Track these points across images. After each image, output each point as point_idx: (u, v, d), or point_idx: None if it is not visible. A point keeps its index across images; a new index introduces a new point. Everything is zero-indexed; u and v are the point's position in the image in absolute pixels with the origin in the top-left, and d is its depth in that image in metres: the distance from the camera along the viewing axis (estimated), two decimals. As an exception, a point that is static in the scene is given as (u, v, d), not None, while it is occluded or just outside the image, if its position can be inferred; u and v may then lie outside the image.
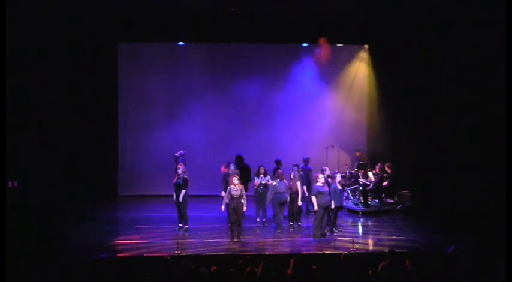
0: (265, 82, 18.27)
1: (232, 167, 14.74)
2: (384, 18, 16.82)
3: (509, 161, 11.03)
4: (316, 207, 13.33)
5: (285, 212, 14.63)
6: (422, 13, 15.91)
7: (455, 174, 15.42)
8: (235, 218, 13.04)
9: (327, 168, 14.73)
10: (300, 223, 14.43)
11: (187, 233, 13.50)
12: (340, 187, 13.98)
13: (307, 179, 15.05)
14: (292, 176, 14.24)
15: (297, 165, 15.00)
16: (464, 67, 15.35)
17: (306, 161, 15.79)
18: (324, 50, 18.20)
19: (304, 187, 14.55)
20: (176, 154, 16.18)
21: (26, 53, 14.26)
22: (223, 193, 13.86)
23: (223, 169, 14.82)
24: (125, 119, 18.25)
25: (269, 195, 14.14)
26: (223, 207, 13.44)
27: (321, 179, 13.51)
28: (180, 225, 13.75)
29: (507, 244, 9.70)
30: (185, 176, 13.60)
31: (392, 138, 17.75)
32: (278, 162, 15.60)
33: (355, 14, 16.71)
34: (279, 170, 14.36)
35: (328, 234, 13.56)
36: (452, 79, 15.85)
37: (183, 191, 13.52)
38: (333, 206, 13.64)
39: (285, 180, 14.02)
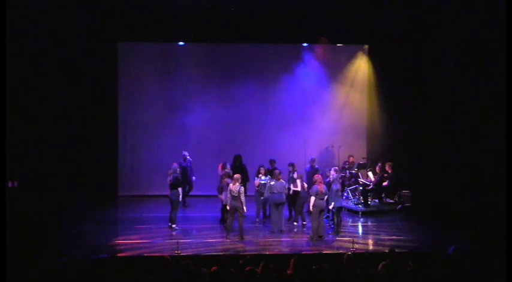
0: (265, 82, 18.28)
1: (228, 166, 14.75)
2: (384, 18, 16.83)
3: (509, 161, 11.03)
4: (311, 208, 13.33)
5: (286, 213, 14.67)
6: (422, 13, 15.92)
7: (455, 174, 15.40)
8: (233, 217, 13.13)
9: (332, 170, 14.41)
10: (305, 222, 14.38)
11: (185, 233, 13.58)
12: (339, 186, 13.93)
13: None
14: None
15: (293, 165, 15.01)
16: (464, 67, 15.34)
17: (312, 161, 15.83)
18: (324, 50, 18.21)
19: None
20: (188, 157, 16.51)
21: (26, 53, 14.24)
22: (221, 196, 13.90)
23: (220, 170, 14.80)
24: (125, 118, 18.23)
25: (265, 194, 14.15)
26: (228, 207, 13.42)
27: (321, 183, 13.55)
28: (173, 225, 13.99)
29: (507, 244, 9.71)
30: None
31: (392, 138, 17.75)
32: (272, 162, 15.59)
33: (355, 14, 16.72)
34: (276, 170, 14.34)
35: (331, 236, 13.55)
36: (452, 79, 15.84)
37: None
38: (331, 207, 13.64)
39: (281, 180, 14.01)
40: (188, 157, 16.55)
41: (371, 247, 12.92)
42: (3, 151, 10.90)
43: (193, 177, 16.65)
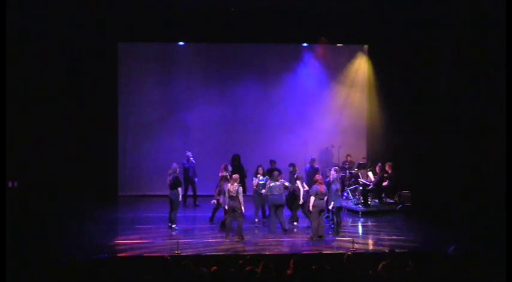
0: (265, 82, 18.32)
1: (229, 168, 14.74)
2: (384, 18, 16.84)
3: (509, 161, 11.02)
4: (311, 208, 13.31)
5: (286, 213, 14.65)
6: (422, 13, 15.92)
7: (455, 174, 15.40)
8: (232, 217, 13.13)
9: (332, 170, 14.32)
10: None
11: (185, 233, 13.59)
12: (339, 186, 13.91)
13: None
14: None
15: (293, 165, 15.00)
16: (464, 67, 15.34)
17: (312, 161, 15.84)
18: (324, 50, 18.22)
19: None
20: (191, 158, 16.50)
21: (26, 53, 14.24)
22: (219, 198, 13.90)
23: (221, 171, 14.80)
24: (125, 118, 18.24)
25: (264, 192, 14.14)
26: (226, 207, 13.42)
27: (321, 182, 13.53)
28: (173, 225, 14.00)
29: (507, 244, 9.70)
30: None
31: (392, 138, 17.75)
32: (272, 162, 15.58)
33: (355, 14, 16.72)
34: (275, 171, 14.31)
35: (331, 236, 13.53)
36: (452, 79, 15.85)
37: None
38: (330, 206, 13.62)
39: (281, 180, 13.98)
40: (191, 158, 16.55)
41: (371, 247, 12.90)
42: (3, 151, 10.90)
43: (196, 179, 16.63)
